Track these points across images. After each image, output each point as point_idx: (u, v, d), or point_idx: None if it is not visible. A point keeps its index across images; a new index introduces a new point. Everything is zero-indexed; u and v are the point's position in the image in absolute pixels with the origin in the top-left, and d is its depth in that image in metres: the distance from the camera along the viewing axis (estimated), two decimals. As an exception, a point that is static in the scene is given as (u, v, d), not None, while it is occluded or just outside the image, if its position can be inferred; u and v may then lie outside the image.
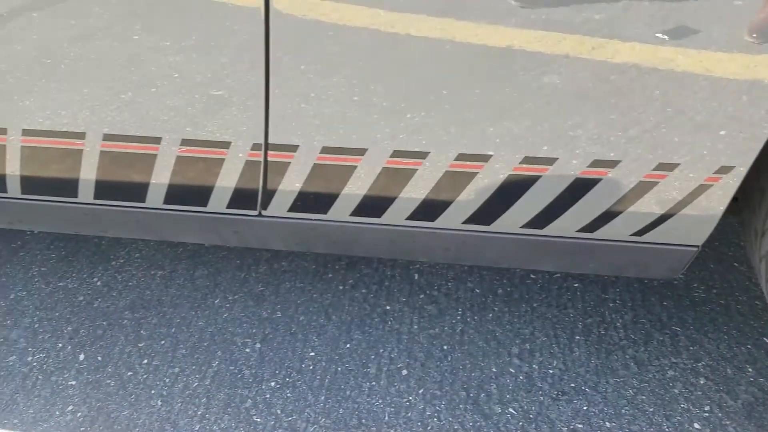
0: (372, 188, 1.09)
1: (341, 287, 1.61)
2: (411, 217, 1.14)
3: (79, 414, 1.29)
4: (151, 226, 1.27)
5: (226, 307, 1.55)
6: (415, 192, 1.09)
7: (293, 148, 1.07)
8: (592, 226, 1.10)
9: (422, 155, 1.03)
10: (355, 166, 1.07)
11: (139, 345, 1.44)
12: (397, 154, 1.04)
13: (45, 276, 1.61)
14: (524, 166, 1.02)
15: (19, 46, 1.02)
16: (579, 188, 1.04)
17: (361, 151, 1.05)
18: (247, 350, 1.44)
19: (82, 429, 1.26)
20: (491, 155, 1.01)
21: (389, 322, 1.50)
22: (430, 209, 1.11)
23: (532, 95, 0.96)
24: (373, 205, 1.13)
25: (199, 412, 1.29)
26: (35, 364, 1.39)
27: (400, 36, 0.94)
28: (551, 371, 1.39)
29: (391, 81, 0.98)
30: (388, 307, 1.54)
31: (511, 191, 1.05)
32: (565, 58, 0.93)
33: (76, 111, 1.06)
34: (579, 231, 1.11)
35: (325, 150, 1.06)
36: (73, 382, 1.35)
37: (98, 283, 1.60)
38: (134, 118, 1.06)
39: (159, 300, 1.56)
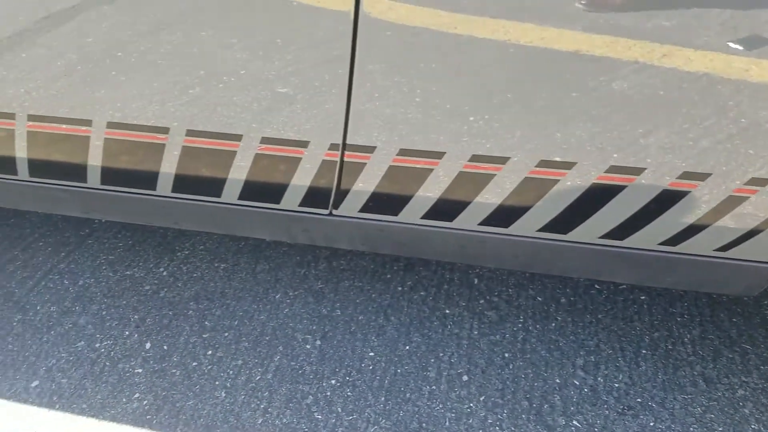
0: (447, 192, 1.08)
1: (400, 288, 1.60)
2: (484, 223, 1.12)
3: (145, 402, 1.31)
4: (224, 221, 1.29)
5: (286, 303, 1.56)
6: (492, 197, 1.07)
7: (370, 149, 1.06)
8: (676, 239, 1.06)
9: (502, 160, 1.02)
10: (432, 169, 1.06)
11: (204, 336, 1.46)
12: (476, 158, 1.03)
13: (112, 264, 1.65)
14: (610, 175, 0.99)
15: (91, 38, 1.04)
16: (666, 200, 1.00)
17: (439, 155, 1.04)
18: (308, 346, 1.45)
19: (148, 417, 1.28)
20: (575, 163, 0.99)
21: (449, 326, 1.49)
22: (505, 215, 1.09)
23: (602, 101, 0.94)
24: (446, 209, 1.12)
25: (262, 406, 1.31)
26: (103, 350, 1.43)
27: (482, 40, 0.92)
28: (617, 385, 1.36)
29: (473, 85, 0.97)
30: (447, 311, 1.53)
31: (593, 200, 1.03)
32: (634, 64, 0.90)
33: (161, 106, 1.08)
34: (661, 244, 1.08)
35: (403, 152, 1.05)
36: (140, 370, 1.38)
37: (164, 273, 1.63)
38: (217, 115, 1.07)
39: (222, 292, 1.58)
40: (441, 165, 1.05)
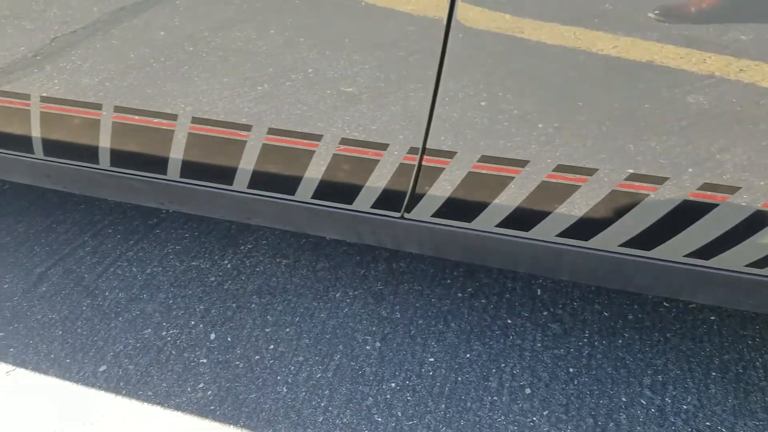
0: (526, 201, 1.06)
1: (460, 294, 1.59)
2: (562, 234, 1.10)
3: (209, 392, 1.33)
4: (295, 219, 1.30)
5: (346, 302, 1.56)
6: (574, 209, 1.05)
7: (451, 154, 1.05)
8: (765, 261, 1.02)
9: (589, 172, 0.99)
10: (513, 177, 1.04)
11: (266, 330, 1.48)
12: (561, 168, 1.00)
13: (179, 254, 1.69)
14: (702, 192, 0.96)
15: (163, 32, 1.06)
16: (759, 221, 0.96)
17: (522, 163, 1.02)
18: (368, 348, 1.44)
19: (212, 408, 1.30)
20: (667, 178, 0.96)
21: (511, 337, 1.47)
22: (586, 228, 1.07)
23: (677, 115, 0.91)
24: (523, 218, 1.10)
25: (323, 404, 1.31)
26: (169, 339, 1.45)
27: (576, 52, 0.90)
28: (685, 407, 1.31)
29: (561, 97, 0.95)
30: (509, 321, 1.51)
31: (682, 218, 0.99)
32: (710, 78, 0.87)
33: (247, 103, 1.09)
34: (748, 265, 1.03)
35: (484, 159, 1.04)
36: (204, 360, 1.40)
37: (228, 266, 1.65)
38: (299, 115, 1.08)
39: (284, 288, 1.60)
40: (523, 173, 1.03)
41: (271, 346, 1.44)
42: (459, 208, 1.13)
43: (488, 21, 0.92)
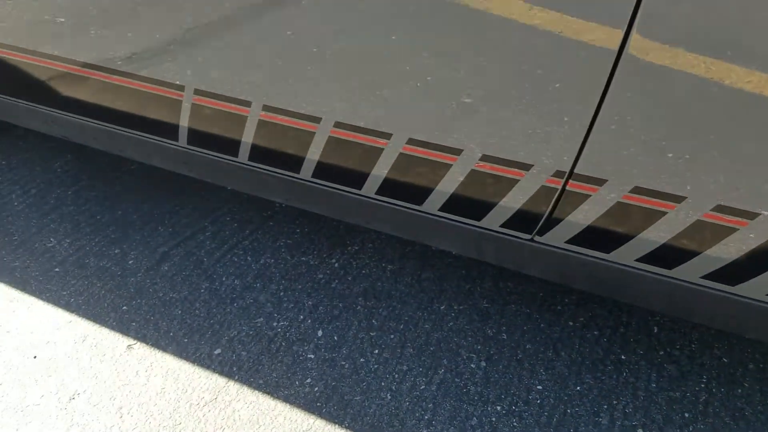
0: (675, 239, 1.02)
1: (571, 323, 1.54)
2: (708, 277, 1.04)
3: (316, 389, 1.36)
4: (416, 228, 1.30)
5: (451, 316, 1.55)
6: (725, 253, 0.99)
7: (600, 182, 1.02)
8: None
9: (751, 216, 0.94)
10: (665, 213, 1.00)
11: (371, 334, 1.49)
12: (720, 209, 0.95)
13: (290, 248, 1.73)
14: None
15: (290, 31, 1.08)
16: None
17: (679, 199, 0.98)
18: (472, 366, 1.43)
19: (318, 404, 1.33)
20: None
21: (624, 374, 1.41)
22: (736, 274, 1.01)
23: None
24: (669, 256, 1.05)
25: (426, 417, 1.31)
26: (279, 330, 1.49)
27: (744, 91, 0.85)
28: (814, 475, 1.22)
29: (718, 133, 0.90)
30: (623, 357, 1.45)
31: None
32: None
33: (388, 110, 1.10)
34: None
35: (637, 190, 1.00)
36: (312, 356, 1.43)
37: (336, 265, 1.68)
38: (441, 128, 1.08)
39: (389, 293, 1.60)
40: (678, 209, 0.98)
41: (376, 351, 1.45)
42: (598, 237, 1.10)
43: (660, 54, 0.88)
